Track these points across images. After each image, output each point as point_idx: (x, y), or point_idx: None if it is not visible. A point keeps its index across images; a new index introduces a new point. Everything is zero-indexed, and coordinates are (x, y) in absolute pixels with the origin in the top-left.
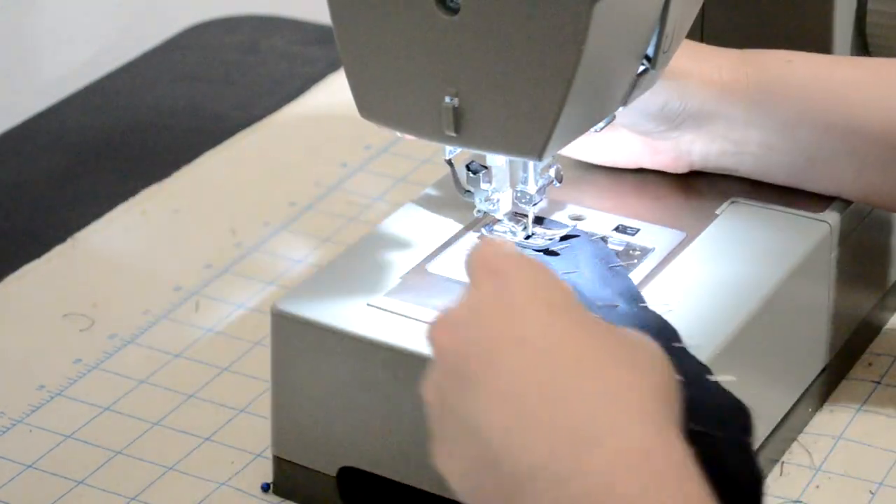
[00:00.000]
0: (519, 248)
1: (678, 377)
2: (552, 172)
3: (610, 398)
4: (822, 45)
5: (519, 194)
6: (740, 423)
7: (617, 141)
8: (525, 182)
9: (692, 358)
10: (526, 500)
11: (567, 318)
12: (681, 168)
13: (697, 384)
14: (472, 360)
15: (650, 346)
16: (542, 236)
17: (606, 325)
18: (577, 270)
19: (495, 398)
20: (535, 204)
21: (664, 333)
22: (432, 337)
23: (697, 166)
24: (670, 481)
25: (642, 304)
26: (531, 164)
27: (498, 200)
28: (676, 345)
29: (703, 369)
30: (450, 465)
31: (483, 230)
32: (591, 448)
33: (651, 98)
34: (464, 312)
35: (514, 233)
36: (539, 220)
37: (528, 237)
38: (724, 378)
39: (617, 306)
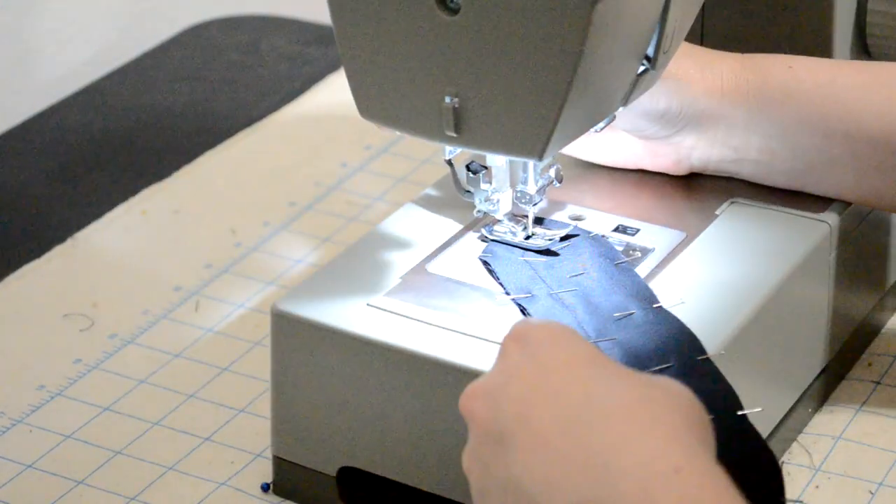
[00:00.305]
0: (546, 321)
1: (709, 415)
2: (552, 173)
3: (639, 431)
4: (821, 45)
5: (519, 194)
6: (773, 485)
7: (619, 142)
8: (525, 182)
9: (718, 381)
10: None
11: (593, 369)
12: (681, 171)
13: (727, 432)
14: (507, 422)
15: (677, 387)
16: (543, 236)
17: (631, 371)
18: (585, 272)
19: (532, 453)
20: (534, 204)
21: (683, 344)
22: (465, 407)
23: (697, 170)
24: (707, 493)
25: (657, 305)
26: (531, 164)
27: (498, 201)
28: (700, 357)
29: (731, 400)
30: None
31: (483, 230)
32: (625, 474)
33: (652, 103)
34: (494, 379)
35: (514, 233)
36: (539, 221)
37: (528, 237)
38: (751, 411)
39: (633, 313)
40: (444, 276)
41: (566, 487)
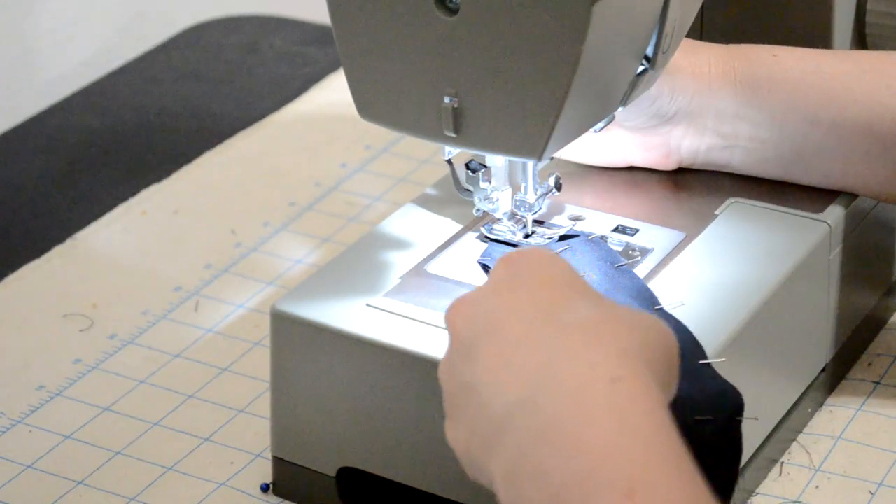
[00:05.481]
0: (538, 248)
1: (677, 343)
2: (551, 181)
3: (586, 342)
4: (822, 44)
5: (518, 203)
6: (734, 403)
7: (607, 140)
8: (524, 191)
9: (721, 386)
10: (507, 437)
11: (567, 290)
12: (671, 165)
13: (693, 372)
14: (478, 332)
15: (653, 321)
16: (542, 235)
17: (604, 297)
18: (585, 275)
19: (493, 359)
20: (534, 213)
21: (684, 347)
22: (448, 318)
23: (686, 163)
24: (638, 406)
25: (658, 307)
26: (530, 168)
27: (497, 199)
28: (701, 362)
29: (732, 399)
30: (455, 434)
31: (482, 229)
32: (562, 378)
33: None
34: (476, 294)
35: (513, 232)
36: (538, 221)
37: (527, 236)
38: (714, 360)
39: None
40: (444, 276)
41: (509, 388)
